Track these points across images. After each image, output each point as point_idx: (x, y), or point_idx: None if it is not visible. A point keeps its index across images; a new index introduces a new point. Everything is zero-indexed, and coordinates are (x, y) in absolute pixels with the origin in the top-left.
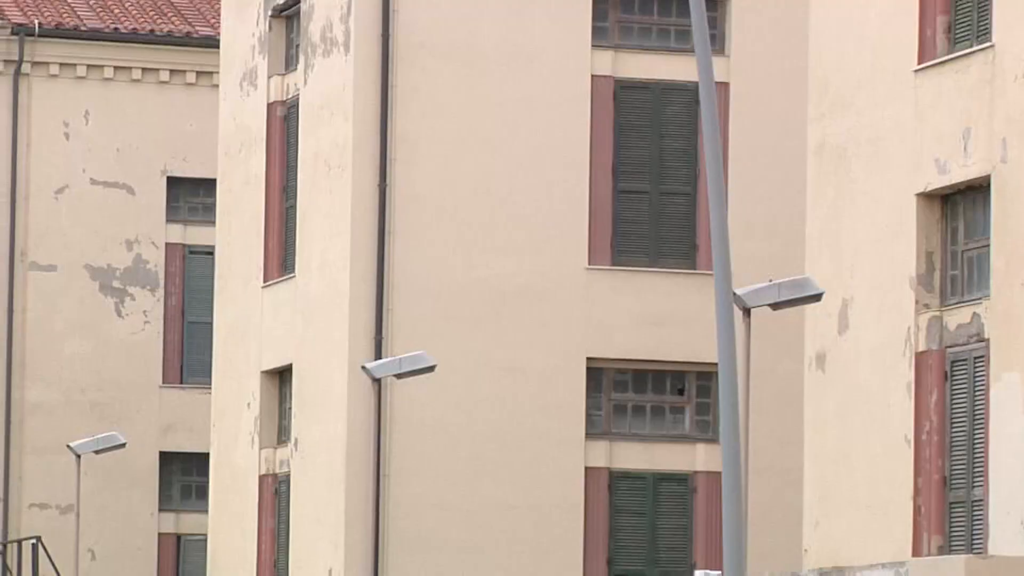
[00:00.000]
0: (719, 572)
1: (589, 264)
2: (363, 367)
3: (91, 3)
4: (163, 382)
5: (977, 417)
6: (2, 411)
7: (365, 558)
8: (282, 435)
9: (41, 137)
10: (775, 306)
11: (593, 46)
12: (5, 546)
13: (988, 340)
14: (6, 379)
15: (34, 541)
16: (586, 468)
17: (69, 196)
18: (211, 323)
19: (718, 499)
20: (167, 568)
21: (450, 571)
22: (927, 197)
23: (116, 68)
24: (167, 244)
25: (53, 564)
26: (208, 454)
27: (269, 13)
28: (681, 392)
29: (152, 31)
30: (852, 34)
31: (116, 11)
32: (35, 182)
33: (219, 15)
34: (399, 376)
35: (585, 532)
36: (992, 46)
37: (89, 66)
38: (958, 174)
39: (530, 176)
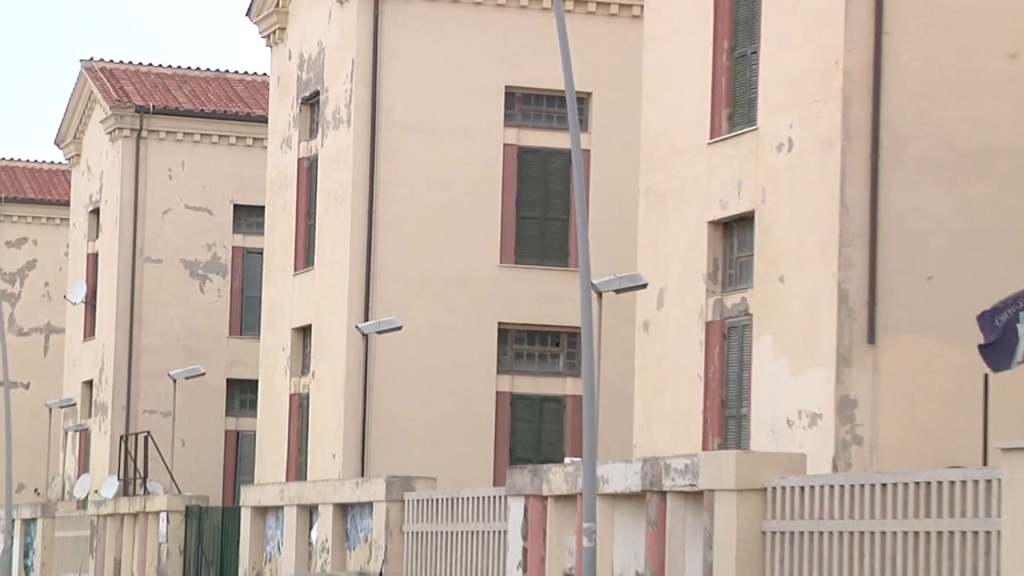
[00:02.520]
0: (579, 459)
1: (500, 263)
2: (356, 327)
3: (186, 92)
4: (229, 334)
5: (744, 363)
6: (127, 351)
7: (356, 447)
8: (304, 369)
9: (154, 179)
10: (618, 291)
11: (505, 125)
12: (126, 437)
13: (751, 315)
14: (129, 331)
15: (146, 434)
16: (496, 392)
17: (171, 215)
18: (260, 297)
19: (580, 413)
20: (231, 453)
21: (411, 456)
22: (714, 224)
23: (202, 135)
24: (233, 247)
25: (158, 449)
26: (257, 380)
27: (300, 101)
28: (557, 345)
29: (225, 111)
30: (669, 118)
31: (202, 97)
32: (150, 207)
33: (268, 102)
34: (379, 332)
35: (496, 433)
36: (757, 128)
37: (184, 133)
38: (734, 209)
39: (464, 206)
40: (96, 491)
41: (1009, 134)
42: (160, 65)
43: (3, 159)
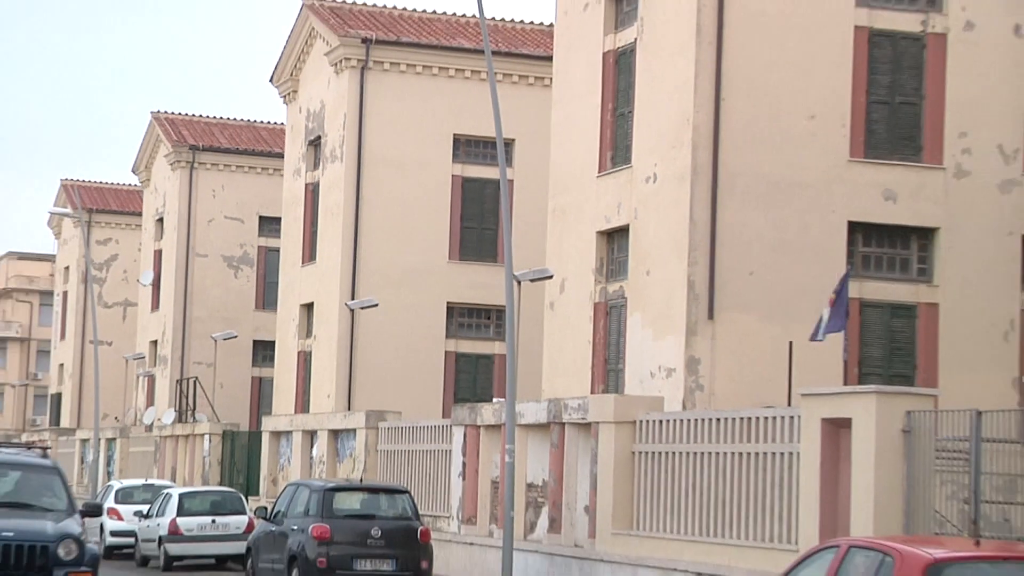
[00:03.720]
0: (503, 399)
1: (449, 260)
2: (345, 304)
3: (225, 136)
4: (255, 308)
5: (620, 332)
6: (182, 319)
7: (344, 389)
8: (309, 333)
9: (202, 198)
10: (532, 280)
11: (453, 161)
12: (181, 381)
13: (626, 298)
14: (183, 305)
15: (194, 379)
16: (445, 351)
17: (214, 224)
18: (277, 282)
19: (504, 367)
20: (255, 393)
21: (384, 396)
22: (601, 233)
23: (236, 166)
24: (258, 246)
25: (203, 390)
26: (275, 341)
27: (307, 143)
28: (488, 318)
29: (253, 149)
30: (570, 157)
31: (237, 139)
32: (200, 217)
33: (284, 143)
34: (362, 308)
35: (444, 380)
36: (631, 166)
37: (224, 164)
38: (615, 223)
39: (422, 219)
40: (159, 419)
41: (808, 173)
42: (207, 116)
43: (95, 182)
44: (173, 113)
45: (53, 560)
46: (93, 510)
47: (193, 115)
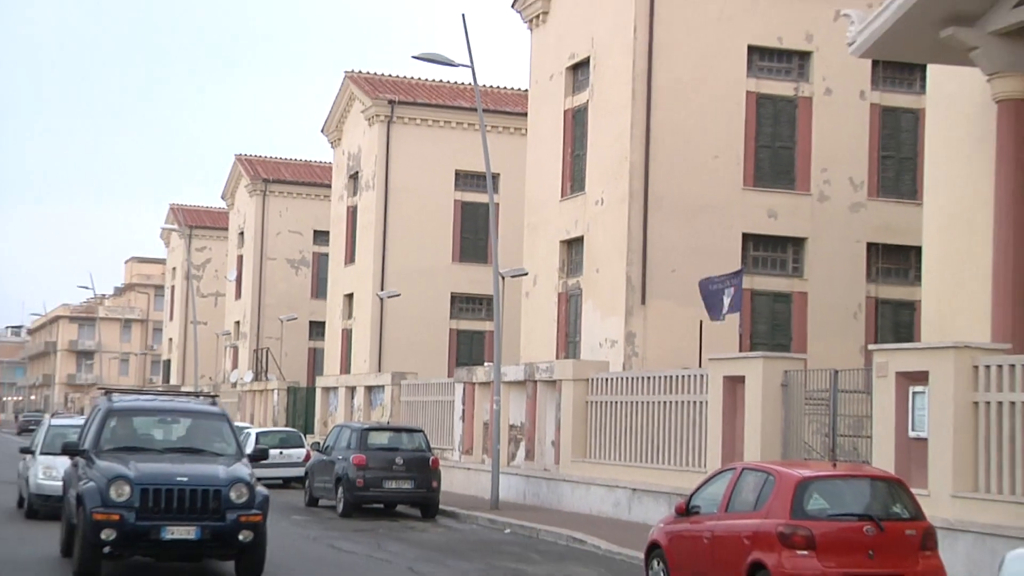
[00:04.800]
0: (492, 363)
1: (451, 262)
2: (376, 294)
3: (289, 171)
4: (311, 297)
5: (578, 314)
6: (258, 305)
7: (375, 356)
8: (350, 316)
9: (272, 219)
10: (512, 276)
11: (455, 189)
12: (257, 350)
13: (582, 289)
14: (259, 295)
15: (267, 349)
16: (449, 329)
17: (280, 237)
18: (327, 278)
19: (492, 340)
20: (312, 359)
21: (405, 361)
22: (563, 242)
23: (297, 193)
24: (313, 252)
25: (274, 357)
26: (325, 322)
27: (348, 176)
28: (481, 304)
29: (310, 181)
30: (541, 186)
31: (300, 173)
32: (269, 232)
33: (332, 176)
34: (388, 297)
35: (448, 350)
36: (585, 192)
37: (287, 192)
38: (574, 234)
39: (433, 232)
40: (241, 378)
41: (713, 197)
42: (275, 156)
43: (194, 205)
44: (250, 154)
45: (226, 503)
46: (260, 455)
47: (264, 156)
